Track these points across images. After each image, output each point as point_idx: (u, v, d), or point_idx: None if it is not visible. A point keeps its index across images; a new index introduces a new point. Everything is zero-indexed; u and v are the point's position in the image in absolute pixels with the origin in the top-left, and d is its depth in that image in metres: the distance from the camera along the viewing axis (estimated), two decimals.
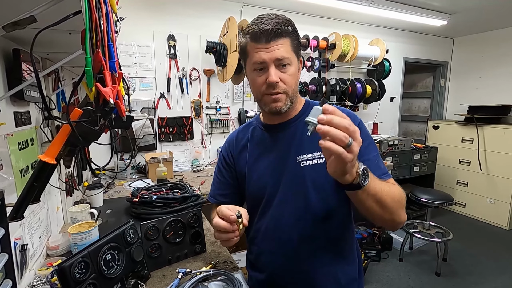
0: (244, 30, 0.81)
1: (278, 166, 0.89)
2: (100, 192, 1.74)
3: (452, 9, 3.18)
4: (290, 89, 0.82)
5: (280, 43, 0.77)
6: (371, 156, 0.82)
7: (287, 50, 0.78)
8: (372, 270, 2.73)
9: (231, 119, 3.05)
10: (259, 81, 0.81)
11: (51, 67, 0.90)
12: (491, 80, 4.08)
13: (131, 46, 2.53)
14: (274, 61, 0.77)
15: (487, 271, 2.75)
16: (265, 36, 0.76)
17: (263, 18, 0.77)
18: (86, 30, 0.47)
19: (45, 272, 1.02)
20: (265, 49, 0.77)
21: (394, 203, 0.72)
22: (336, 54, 3.15)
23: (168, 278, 1.02)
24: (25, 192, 0.59)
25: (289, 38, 0.78)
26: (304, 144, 0.86)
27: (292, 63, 0.80)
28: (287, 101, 0.82)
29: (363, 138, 0.81)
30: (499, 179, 3.63)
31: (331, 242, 0.88)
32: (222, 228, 0.75)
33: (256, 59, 0.78)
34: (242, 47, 0.83)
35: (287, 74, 0.80)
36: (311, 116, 0.57)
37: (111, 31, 0.56)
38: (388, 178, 0.82)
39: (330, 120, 0.54)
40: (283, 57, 0.77)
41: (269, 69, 0.78)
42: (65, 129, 0.59)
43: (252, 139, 0.97)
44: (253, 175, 0.94)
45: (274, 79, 0.77)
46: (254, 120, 1.02)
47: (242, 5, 2.93)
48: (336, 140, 0.53)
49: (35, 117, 1.16)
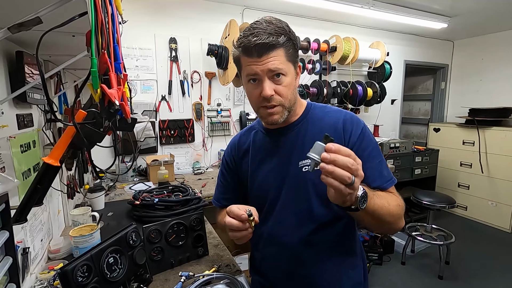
0: (236, 42, 0.78)
1: (280, 171, 0.88)
2: (102, 195, 1.74)
3: (452, 12, 3.19)
4: (286, 100, 0.79)
5: (273, 56, 0.74)
6: (375, 164, 0.82)
7: (281, 61, 0.75)
8: (374, 274, 2.71)
9: (232, 121, 3.05)
10: (254, 93, 0.79)
11: (54, 69, 0.90)
12: (492, 82, 4.09)
13: (133, 49, 2.53)
14: (267, 73, 0.75)
15: (490, 274, 2.73)
16: (256, 50, 0.73)
17: (254, 29, 0.74)
18: (92, 31, 0.47)
19: (46, 276, 1.01)
20: (257, 63, 0.74)
21: (392, 217, 0.74)
22: (337, 56, 3.15)
23: (170, 281, 1.01)
24: (29, 195, 0.58)
25: (282, 49, 0.75)
26: (305, 149, 0.85)
27: (287, 73, 0.77)
28: (284, 112, 0.81)
29: (367, 144, 0.83)
30: (501, 182, 3.62)
31: (334, 247, 0.87)
32: (236, 228, 0.75)
33: (248, 72, 0.77)
34: (236, 59, 0.82)
35: (282, 85, 0.77)
36: (313, 152, 0.58)
37: (117, 32, 0.55)
38: (390, 186, 0.82)
39: (334, 160, 0.55)
40: (276, 68, 0.75)
41: (263, 82, 0.76)
42: (69, 131, 0.58)
43: (254, 143, 0.96)
44: (256, 180, 0.94)
45: (268, 93, 0.75)
46: (256, 123, 1.01)
47: (243, 8, 2.94)
48: (339, 180, 0.55)
49: (37, 119, 1.16)
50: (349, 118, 0.85)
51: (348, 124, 0.84)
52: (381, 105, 3.68)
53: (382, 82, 3.55)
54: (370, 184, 0.80)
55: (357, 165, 0.57)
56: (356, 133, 0.83)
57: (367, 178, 0.80)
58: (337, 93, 3.21)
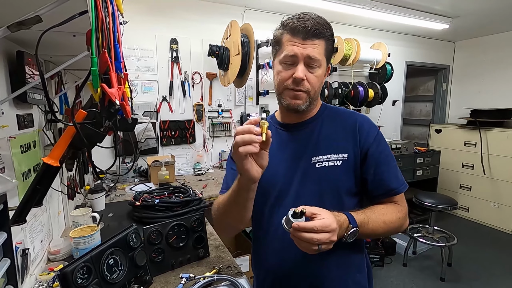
0: (283, 22, 0.81)
1: (292, 164, 0.87)
2: (102, 195, 1.73)
3: (454, 13, 3.18)
4: (313, 90, 0.81)
5: (316, 43, 0.77)
6: (391, 167, 0.85)
7: (320, 52, 0.78)
8: (376, 276, 2.69)
9: (233, 122, 3.04)
10: (285, 74, 0.80)
11: (54, 69, 0.90)
12: (494, 83, 4.07)
13: (134, 50, 2.53)
14: (304, 58, 0.77)
15: (493, 276, 2.71)
16: (303, 32, 0.76)
17: (306, 15, 0.78)
18: (92, 30, 0.46)
19: (46, 277, 1.01)
20: (300, 44, 0.77)
21: (388, 233, 0.81)
22: (338, 57, 3.15)
23: (171, 283, 1.00)
24: (28, 195, 0.58)
25: (325, 41, 0.78)
26: (320, 145, 0.85)
27: (321, 65, 0.79)
28: (307, 100, 0.82)
29: (384, 147, 0.86)
30: (503, 183, 3.60)
31: (343, 248, 0.85)
32: (247, 130, 0.67)
33: (288, 52, 0.78)
34: (277, 37, 0.83)
35: (314, 75, 0.79)
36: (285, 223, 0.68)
37: (117, 31, 0.55)
38: (404, 190, 0.85)
39: (298, 238, 0.65)
40: (314, 57, 0.77)
41: (298, 65, 0.77)
42: (69, 131, 0.58)
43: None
44: (265, 171, 0.92)
45: (301, 75, 0.77)
46: (269, 119, 0.99)
47: (244, 9, 2.94)
48: (307, 250, 0.66)
49: (37, 120, 1.15)
50: (366, 120, 0.88)
51: (365, 125, 0.86)
52: (382, 106, 3.67)
53: (384, 83, 3.54)
54: (386, 186, 0.83)
55: (322, 233, 0.64)
56: (372, 134, 0.85)
57: (383, 181, 0.83)
58: (338, 94, 3.21)
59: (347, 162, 0.82)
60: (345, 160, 0.83)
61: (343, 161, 0.82)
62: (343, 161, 0.82)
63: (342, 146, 0.84)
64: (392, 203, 0.84)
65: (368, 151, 0.83)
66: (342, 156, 0.83)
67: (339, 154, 0.83)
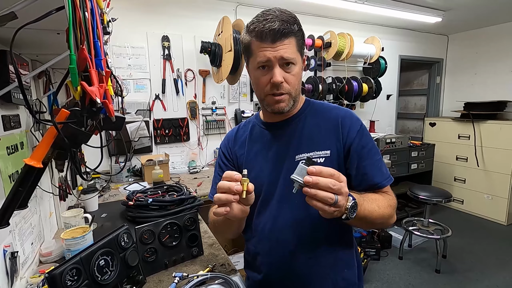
0: (248, 27, 0.78)
1: (276, 164, 0.87)
2: (95, 196, 1.71)
3: (446, 5, 3.18)
4: (293, 89, 0.80)
5: (286, 43, 0.74)
6: (374, 161, 0.83)
7: (292, 50, 0.76)
8: (372, 269, 2.72)
9: (228, 119, 3.03)
10: (263, 80, 0.79)
11: (38, 69, 0.88)
12: (486, 76, 4.10)
13: (125, 48, 2.49)
14: (279, 60, 0.75)
15: (487, 267, 2.75)
16: (271, 35, 0.73)
17: (269, 15, 0.75)
18: (70, 26, 0.45)
19: (37, 280, 0.99)
20: (270, 48, 0.74)
21: (382, 219, 0.77)
22: (331, 52, 3.14)
23: (164, 282, 0.99)
24: (10, 198, 0.56)
25: (294, 38, 0.76)
26: (303, 142, 0.85)
27: (296, 62, 0.78)
28: (290, 101, 0.81)
29: (366, 141, 0.84)
30: (497, 175, 3.64)
31: (330, 245, 0.85)
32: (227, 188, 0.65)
33: (261, 58, 0.76)
34: (246, 45, 0.80)
35: (291, 74, 0.78)
36: (296, 174, 0.60)
37: (97, 28, 0.53)
38: (388, 184, 0.83)
39: (316, 183, 0.57)
40: (288, 57, 0.75)
41: (274, 68, 0.76)
42: (51, 131, 0.56)
43: (251, 136, 0.95)
44: (251, 172, 0.92)
45: (279, 79, 0.75)
46: (254, 118, 1.00)
47: (236, 5, 2.92)
48: (322, 202, 0.58)
49: (25, 120, 1.13)
50: (348, 115, 0.86)
51: (347, 119, 0.85)
52: (376, 101, 3.68)
53: (377, 77, 3.54)
54: (370, 180, 0.81)
55: (340, 183, 0.59)
56: (354, 129, 0.83)
57: (367, 175, 0.81)
58: (332, 89, 3.20)
59: (330, 159, 0.81)
60: (328, 157, 0.82)
61: (326, 157, 0.82)
62: (326, 157, 0.82)
63: (325, 143, 0.83)
64: (381, 193, 0.83)
65: (351, 146, 0.82)
66: (324, 153, 0.82)
67: (321, 151, 0.82)
